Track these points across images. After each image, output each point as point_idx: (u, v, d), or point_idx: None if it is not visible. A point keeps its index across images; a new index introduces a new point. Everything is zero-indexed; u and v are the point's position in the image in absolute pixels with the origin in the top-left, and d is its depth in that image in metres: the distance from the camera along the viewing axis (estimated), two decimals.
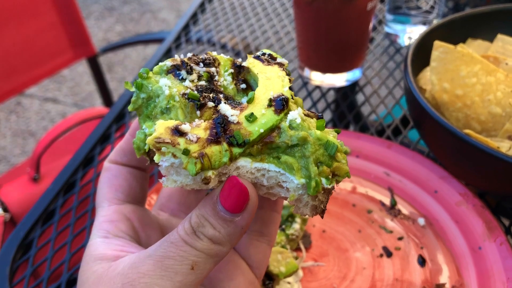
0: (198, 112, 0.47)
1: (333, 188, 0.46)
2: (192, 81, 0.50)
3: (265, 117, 0.46)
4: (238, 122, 0.45)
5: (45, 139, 1.41)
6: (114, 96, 2.28)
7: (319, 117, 0.50)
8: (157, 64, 0.53)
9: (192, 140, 0.43)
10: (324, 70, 1.13)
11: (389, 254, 0.78)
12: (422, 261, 0.76)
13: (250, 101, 0.48)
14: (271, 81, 0.50)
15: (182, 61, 0.51)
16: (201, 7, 1.54)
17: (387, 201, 0.85)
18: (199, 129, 0.44)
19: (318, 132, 0.46)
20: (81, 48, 2.04)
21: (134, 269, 0.44)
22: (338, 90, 1.17)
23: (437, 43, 0.85)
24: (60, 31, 1.98)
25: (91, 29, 4.12)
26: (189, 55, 0.53)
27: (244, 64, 0.53)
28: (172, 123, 0.44)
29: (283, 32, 1.41)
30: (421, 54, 0.91)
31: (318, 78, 1.14)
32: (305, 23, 1.07)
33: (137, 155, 0.48)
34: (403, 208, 0.84)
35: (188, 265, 0.43)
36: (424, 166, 0.86)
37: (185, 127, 0.44)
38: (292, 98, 0.50)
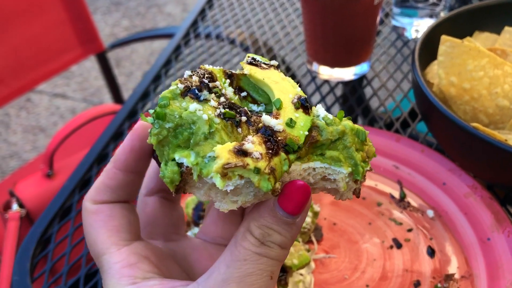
0: (239, 129, 0.46)
1: (370, 168, 0.49)
2: (212, 99, 0.48)
3: (301, 119, 0.47)
4: (283, 130, 0.46)
5: (58, 136, 1.43)
6: (123, 90, 2.30)
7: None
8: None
9: (258, 158, 0.43)
10: (332, 64, 1.14)
11: (399, 245, 0.79)
12: (431, 252, 0.78)
13: (279, 108, 0.48)
14: (280, 84, 0.51)
15: (202, 82, 0.49)
16: (209, 3, 1.55)
17: (396, 193, 0.87)
18: (255, 145, 0.44)
19: (350, 123, 0.48)
20: (90, 44, 2.06)
21: None
22: (346, 84, 1.18)
23: (444, 38, 0.86)
24: (68, 28, 1.99)
25: (98, 24, 4.14)
26: (188, 73, 0.51)
27: (244, 71, 0.53)
28: (231, 145, 0.43)
29: (290, 26, 1.42)
30: (428, 48, 0.92)
31: (326, 72, 1.15)
32: (313, 18, 1.08)
33: (171, 189, 0.46)
34: (412, 200, 0.86)
35: (267, 276, 0.45)
36: (432, 159, 0.88)
37: (249, 146, 0.43)
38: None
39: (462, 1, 1.42)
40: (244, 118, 0.47)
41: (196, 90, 0.48)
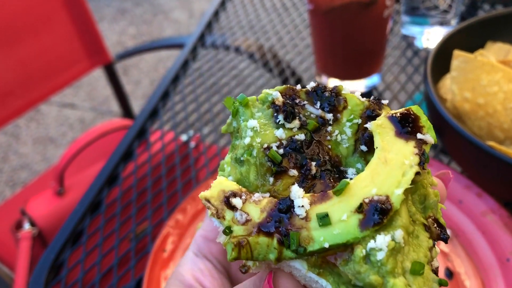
0: (271, 179, 0.38)
1: None
2: (290, 129, 0.40)
3: (343, 227, 0.34)
4: (305, 218, 0.35)
5: (68, 153, 1.43)
6: (131, 99, 2.30)
7: (441, 238, 0.37)
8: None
9: (239, 221, 0.36)
10: (342, 77, 1.12)
11: None
12: (449, 274, 0.76)
13: (337, 193, 0.36)
14: (388, 168, 0.36)
15: (285, 103, 0.41)
16: (216, 16, 1.54)
17: None
18: (255, 207, 0.37)
19: (399, 285, 0.32)
20: (97, 56, 2.06)
21: None
22: None
23: (457, 53, 0.85)
24: (76, 41, 2.00)
25: (104, 32, 4.16)
26: (312, 84, 0.43)
27: (367, 125, 0.40)
28: (229, 187, 0.37)
29: (298, 38, 1.41)
30: (441, 60, 0.90)
31: None
32: (321, 32, 1.06)
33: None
34: None
35: None
36: None
37: (237, 201, 0.36)
38: (422, 201, 0.38)
39: (472, 7, 1.40)
40: (294, 172, 0.38)
41: (275, 108, 0.41)
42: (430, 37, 1.25)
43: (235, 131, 0.43)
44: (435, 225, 0.37)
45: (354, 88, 1.13)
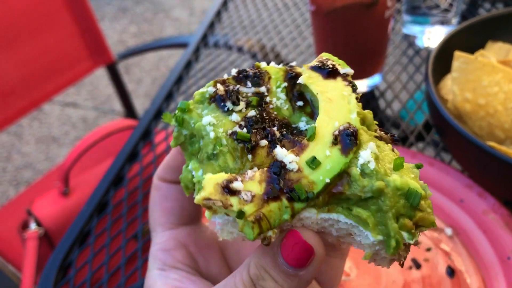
0: (249, 156, 0.40)
1: (416, 242, 0.39)
2: (240, 111, 0.43)
3: (330, 160, 0.38)
4: (298, 170, 0.38)
5: (73, 153, 1.44)
6: (133, 97, 2.32)
7: (394, 140, 0.43)
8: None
9: (246, 200, 0.37)
10: None
11: (418, 266, 0.79)
12: (451, 272, 0.77)
13: (311, 139, 0.40)
14: (334, 104, 0.42)
15: (227, 90, 0.44)
16: (218, 16, 1.55)
17: None
18: (253, 183, 0.38)
19: (398, 179, 0.38)
20: (99, 56, 2.07)
21: None
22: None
23: (457, 54, 0.86)
24: (79, 41, 2.01)
25: (105, 31, 4.16)
26: (234, 71, 0.46)
27: (300, 79, 0.45)
28: (221, 178, 0.38)
29: (300, 38, 1.42)
30: (442, 61, 0.91)
31: None
32: (323, 33, 1.08)
33: (186, 194, 0.44)
34: None
35: None
36: (449, 175, 0.87)
37: (238, 184, 0.38)
38: (363, 123, 0.43)
39: (472, 6, 1.41)
40: (264, 142, 0.41)
41: (219, 98, 0.44)
42: (431, 36, 1.26)
43: (187, 139, 0.45)
44: (384, 133, 0.44)
45: None
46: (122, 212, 0.97)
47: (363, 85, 1.13)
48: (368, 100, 1.16)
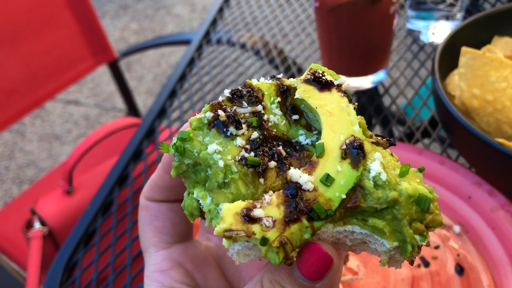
0: (261, 180, 0.40)
1: (428, 243, 0.41)
2: (242, 134, 0.43)
3: (343, 175, 0.39)
4: (314, 189, 0.39)
5: (77, 152, 1.44)
6: (135, 94, 2.32)
7: (390, 144, 0.44)
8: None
9: (268, 226, 0.37)
10: (348, 73, 1.13)
11: (426, 264, 0.79)
12: (460, 270, 0.77)
13: (320, 155, 0.40)
14: (335, 117, 0.42)
15: (228, 116, 0.43)
16: (220, 13, 1.55)
17: None
18: (271, 207, 0.38)
19: (409, 187, 0.39)
20: (102, 54, 2.07)
21: None
22: (363, 93, 1.17)
23: (464, 49, 0.85)
24: (81, 40, 2.01)
25: (107, 28, 4.16)
26: (227, 92, 0.45)
27: (296, 94, 0.45)
28: (239, 206, 0.38)
29: (304, 34, 1.41)
30: (448, 56, 0.90)
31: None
32: (327, 29, 1.07)
33: (190, 221, 0.44)
34: None
35: None
36: (456, 171, 0.86)
37: (258, 212, 0.38)
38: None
39: (476, 0, 1.40)
40: (272, 164, 0.41)
41: (221, 124, 0.43)
42: (435, 31, 1.25)
43: (190, 168, 0.43)
44: (380, 138, 0.44)
45: (360, 84, 1.13)
46: (127, 211, 0.97)
47: (367, 81, 1.13)
48: (372, 97, 1.15)
